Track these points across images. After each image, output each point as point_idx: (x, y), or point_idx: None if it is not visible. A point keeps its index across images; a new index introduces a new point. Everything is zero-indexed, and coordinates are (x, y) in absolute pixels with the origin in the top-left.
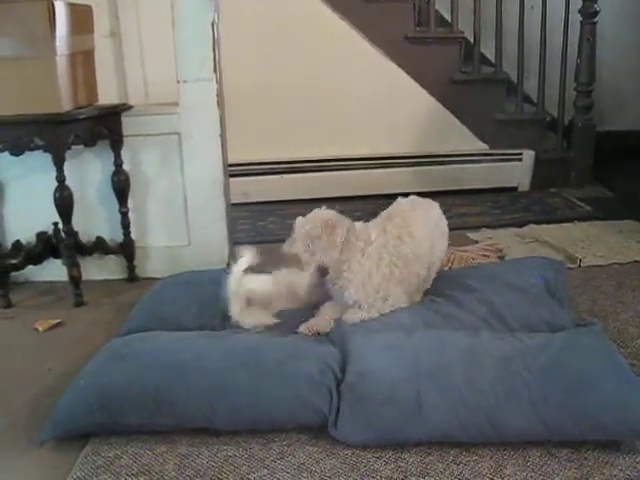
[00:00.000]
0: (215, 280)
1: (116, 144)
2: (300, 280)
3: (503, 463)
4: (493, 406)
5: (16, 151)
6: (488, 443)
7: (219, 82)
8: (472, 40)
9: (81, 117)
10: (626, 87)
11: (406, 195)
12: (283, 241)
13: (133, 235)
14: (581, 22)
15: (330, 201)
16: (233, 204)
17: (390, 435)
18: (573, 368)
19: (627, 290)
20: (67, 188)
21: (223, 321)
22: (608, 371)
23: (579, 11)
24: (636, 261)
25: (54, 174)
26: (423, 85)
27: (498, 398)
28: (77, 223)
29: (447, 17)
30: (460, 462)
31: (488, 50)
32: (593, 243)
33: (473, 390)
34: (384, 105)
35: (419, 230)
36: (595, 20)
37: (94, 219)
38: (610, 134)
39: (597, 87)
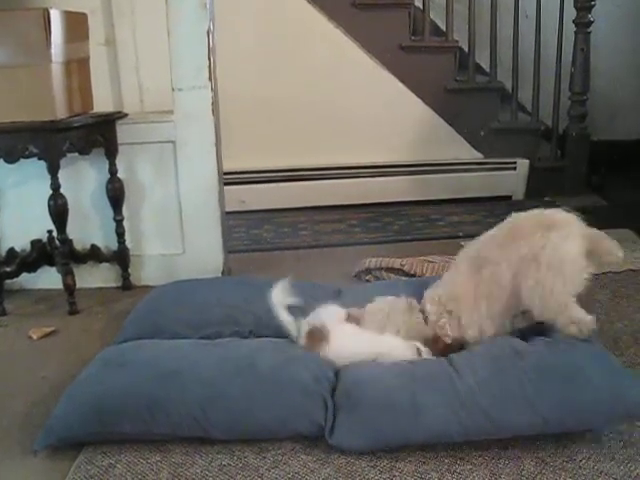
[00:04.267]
0: (210, 288)
1: (111, 152)
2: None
3: (498, 472)
4: (489, 402)
5: (11, 159)
6: (484, 451)
7: (214, 90)
8: (467, 49)
9: (76, 125)
10: (620, 96)
11: (402, 203)
12: (278, 249)
13: (128, 243)
14: (575, 32)
15: (326, 209)
16: (228, 212)
17: (387, 439)
18: (564, 363)
19: (621, 299)
20: (62, 196)
21: (218, 330)
22: (599, 364)
23: (573, 21)
24: (631, 270)
25: (49, 182)
26: (418, 94)
27: (494, 394)
28: (72, 231)
29: (442, 26)
30: (455, 471)
31: (483, 59)
32: None
33: (468, 389)
34: (379, 114)
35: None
36: (589, 30)
37: (89, 227)
38: (604, 143)
39: (591, 96)
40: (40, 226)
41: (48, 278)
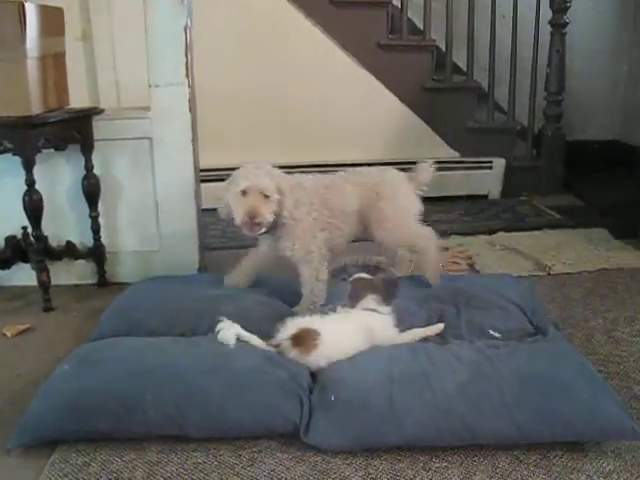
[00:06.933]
0: (185, 285)
1: (87, 148)
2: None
3: (472, 469)
4: (467, 409)
5: None
6: (459, 448)
7: (191, 87)
8: (444, 48)
9: (51, 120)
10: (595, 97)
11: None
12: (254, 247)
13: (103, 240)
14: (551, 33)
15: None
16: (204, 209)
17: (364, 440)
18: (543, 372)
19: (595, 298)
20: (37, 192)
21: (194, 327)
22: (576, 374)
23: (549, 22)
24: (605, 269)
25: (23, 177)
26: (395, 92)
27: (471, 401)
28: (47, 227)
29: (419, 25)
30: (430, 469)
31: (460, 59)
32: (562, 251)
33: (446, 394)
34: (356, 112)
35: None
36: (565, 31)
37: (64, 223)
38: (579, 143)
39: (567, 97)
40: (14, 222)
41: (23, 275)
